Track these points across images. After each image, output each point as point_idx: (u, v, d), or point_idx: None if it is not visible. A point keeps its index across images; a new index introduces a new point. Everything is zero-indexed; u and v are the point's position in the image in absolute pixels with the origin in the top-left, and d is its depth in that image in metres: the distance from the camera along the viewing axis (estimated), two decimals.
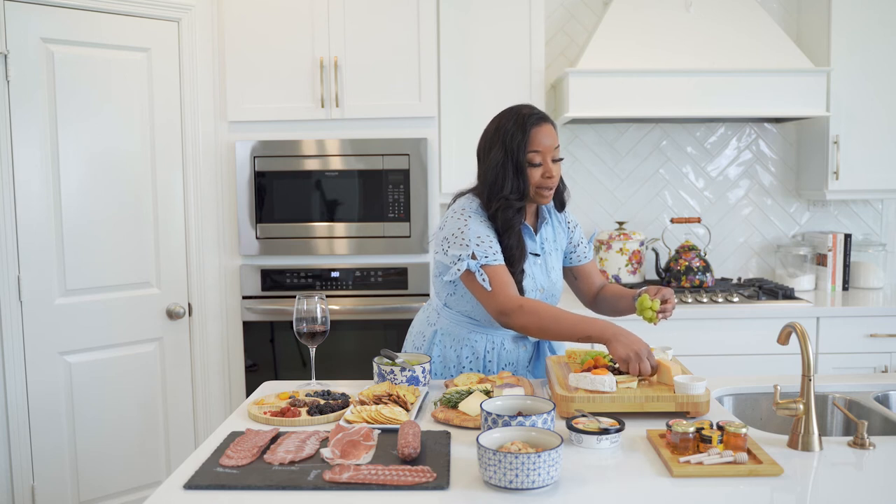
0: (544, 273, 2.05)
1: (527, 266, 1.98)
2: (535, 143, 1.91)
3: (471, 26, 3.27)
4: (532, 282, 2.00)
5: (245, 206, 3.12)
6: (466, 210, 1.97)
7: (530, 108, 1.97)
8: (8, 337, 2.65)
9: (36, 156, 2.68)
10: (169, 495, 1.34)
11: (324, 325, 1.96)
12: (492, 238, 1.92)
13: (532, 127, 1.92)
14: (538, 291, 2.02)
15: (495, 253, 1.90)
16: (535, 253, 2.02)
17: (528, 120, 1.92)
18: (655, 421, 1.65)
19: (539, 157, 1.92)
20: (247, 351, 3.17)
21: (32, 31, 2.65)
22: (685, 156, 3.73)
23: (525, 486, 1.30)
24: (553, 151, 1.94)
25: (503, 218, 1.93)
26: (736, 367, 3.06)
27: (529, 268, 1.99)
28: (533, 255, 2.01)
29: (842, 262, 3.55)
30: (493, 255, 1.90)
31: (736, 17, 3.31)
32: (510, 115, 1.95)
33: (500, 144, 1.92)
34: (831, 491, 1.39)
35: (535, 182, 1.93)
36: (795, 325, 1.59)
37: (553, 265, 2.07)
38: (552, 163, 1.94)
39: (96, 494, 2.89)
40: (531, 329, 1.84)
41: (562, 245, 2.12)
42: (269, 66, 3.09)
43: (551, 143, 1.93)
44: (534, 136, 1.91)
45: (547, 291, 2.05)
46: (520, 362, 2.09)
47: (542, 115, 1.96)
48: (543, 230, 2.07)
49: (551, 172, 1.93)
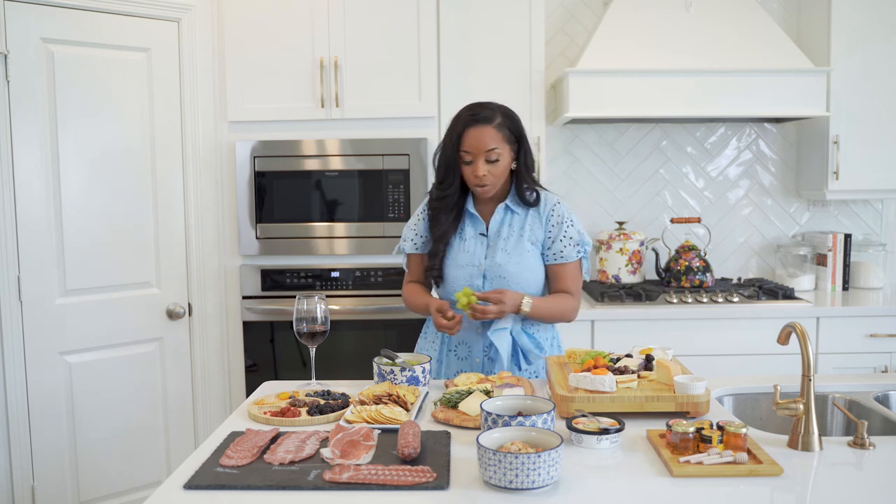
0: (489, 252, 2.13)
1: (469, 245, 2.15)
2: (465, 144, 2.06)
3: (471, 26, 3.27)
4: (470, 257, 2.14)
5: (245, 206, 3.12)
6: (425, 199, 2.25)
7: (475, 109, 2.09)
8: (8, 337, 2.65)
9: (36, 156, 2.68)
10: (169, 495, 1.35)
11: (324, 325, 1.96)
12: (415, 229, 2.23)
13: (466, 127, 2.06)
14: (476, 267, 2.13)
15: (409, 241, 2.23)
16: (482, 233, 2.16)
17: (465, 121, 2.07)
18: (655, 421, 1.65)
19: (469, 157, 2.06)
20: (247, 351, 3.17)
21: (32, 31, 2.65)
22: (685, 156, 3.73)
23: (525, 486, 1.30)
24: (486, 153, 2.05)
25: (434, 202, 2.17)
26: (736, 367, 3.06)
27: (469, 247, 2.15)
28: (480, 235, 2.16)
29: (842, 262, 3.55)
30: (411, 245, 2.23)
31: (736, 17, 3.31)
32: (461, 111, 2.11)
33: (444, 138, 2.12)
34: (831, 491, 1.39)
35: (468, 179, 2.10)
36: (795, 325, 1.59)
37: (508, 249, 2.12)
38: (486, 163, 2.05)
39: (96, 494, 2.89)
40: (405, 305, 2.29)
41: (538, 237, 2.15)
42: (269, 66, 3.09)
43: (482, 146, 2.04)
44: (465, 137, 2.06)
45: (491, 271, 2.11)
46: (472, 343, 2.17)
47: (484, 117, 2.06)
48: (505, 216, 2.16)
49: (478, 172, 2.05)
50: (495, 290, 2.05)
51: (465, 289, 2.01)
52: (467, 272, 2.13)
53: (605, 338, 3.09)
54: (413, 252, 2.24)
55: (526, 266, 2.12)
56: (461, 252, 2.15)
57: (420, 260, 2.24)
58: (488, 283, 2.12)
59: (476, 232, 2.16)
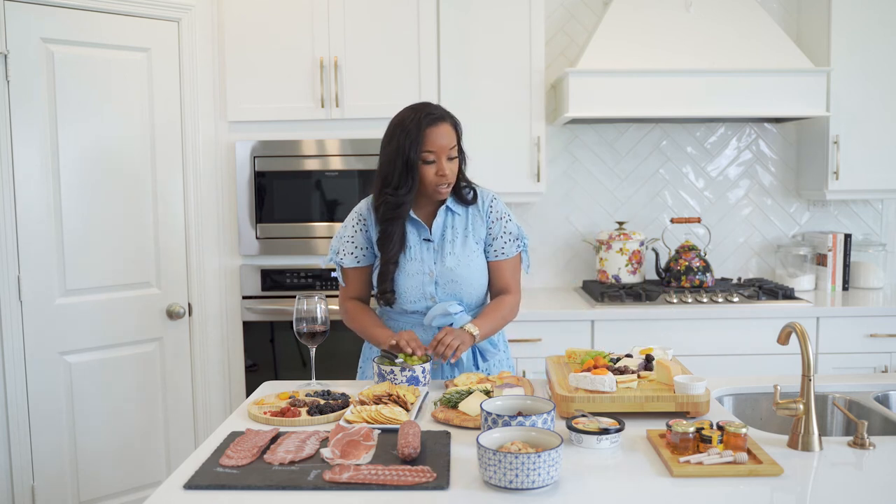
0: (437, 258, 2.08)
1: (415, 252, 2.07)
2: (428, 143, 1.99)
3: (471, 26, 3.27)
4: (420, 265, 2.07)
5: (245, 206, 3.12)
6: (354, 210, 2.16)
7: (430, 108, 2.04)
8: (8, 337, 2.65)
9: (36, 156, 2.68)
10: (169, 495, 1.34)
11: (324, 325, 1.96)
12: (353, 242, 2.11)
13: (427, 126, 1.99)
14: (427, 275, 2.06)
15: (349, 255, 2.11)
16: (426, 238, 2.09)
17: (425, 119, 1.99)
18: (655, 421, 1.65)
19: (433, 156, 2.00)
20: (247, 351, 3.17)
21: (32, 31, 2.65)
22: (685, 156, 3.73)
23: (525, 486, 1.30)
24: (448, 151, 2.01)
25: (385, 210, 2.03)
26: (736, 367, 3.06)
27: (416, 254, 2.07)
28: (425, 241, 2.08)
29: (842, 262, 3.55)
30: (351, 259, 2.11)
31: (736, 17, 3.31)
32: (410, 113, 2.03)
33: (396, 141, 2.00)
34: (831, 491, 1.39)
35: (430, 180, 2.02)
36: (795, 325, 1.59)
37: (455, 252, 2.07)
38: (447, 161, 2.01)
39: (96, 494, 2.89)
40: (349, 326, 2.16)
41: (480, 235, 2.12)
42: (269, 66, 3.09)
43: (446, 144, 2.00)
44: (428, 136, 1.99)
45: (443, 276, 2.06)
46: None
47: (440, 115, 2.02)
48: (447, 219, 2.10)
49: (444, 171, 2.00)
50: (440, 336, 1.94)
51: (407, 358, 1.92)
52: (418, 280, 2.06)
53: (605, 338, 3.09)
54: (354, 266, 2.13)
55: (475, 268, 2.09)
56: (408, 261, 2.07)
57: (360, 274, 2.14)
58: (440, 289, 2.07)
59: (420, 238, 2.08)
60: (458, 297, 2.08)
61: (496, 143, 3.29)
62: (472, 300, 2.12)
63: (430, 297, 2.07)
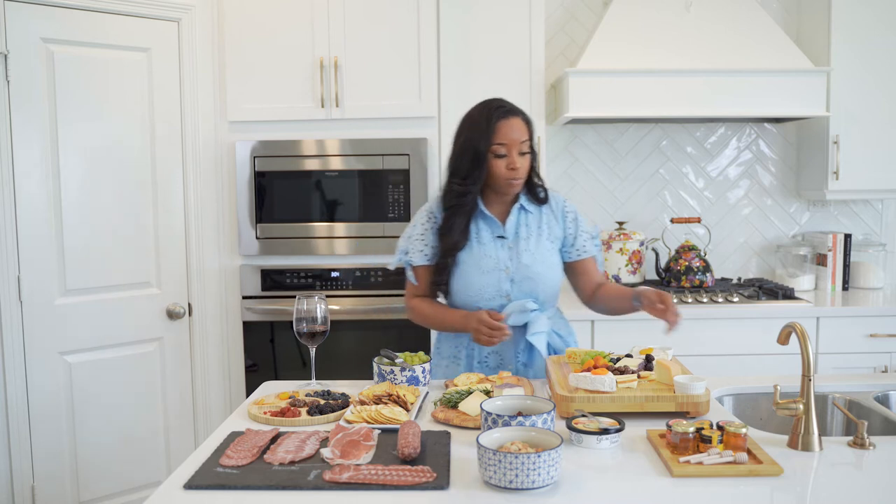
0: (513, 255, 2.07)
1: (489, 249, 2.06)
2: (500, 136, 1.98)
3: (471, 26, 3.27)
4: (495, 262, 2.06)
5: (245, 206, 3.12)
6: (422, 208, 2.16)
7: (501, 102, 2.03)
8: (8, 337, 2.65)
9: (36, 156, 2.68)
10: (169, 495, 1.35)
11: (324, 325, 1.96)
12: (423, 239, 2.10)
13: (498, 119, 1.99)
14: (503, 272, 2.06)
15: (418, 252, 2.10)
16: (500, 236, 2.08)
17: (496, 112, 1.99)
18: (655, 421, 1.65)
19: (504, 149, 1.99)
20: (247, 351, 3.17)
21: (32, 31, 2.65)
22: (685, 156, 3.73)
23: (525, 486, 1.30)
24: (519, 145, 1.99)
25: (449, 197, 2.05)
26: (736, 367, 3.06)
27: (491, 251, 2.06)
28: (499, 238, 2.08)
29: (842, 262, 3.55)
30: (421, 256, 2.10)
31: (736, 18, 3.31)
32: (481, 107, 2.03)
33: (467, 133, 2.02)
34: (831, 491, 1.39)
35: (501, 173, 2.00)
36: (795, 325, 1.59)
37: (531, 249, 2.07)
38: (518, 155, 2.00)
39: (96, 494, 2.89)
40: (420, 323, 2.16)
41: (556, 235, 2.13)
42: (269, 66, 3.09)
43: (517, 137, 1.99)
44: (499, 129, 1.98)
45: (518, 273, 2.06)
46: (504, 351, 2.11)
47: (511, 109, 2.02)
48: (520, 216, 2.10)
49: (515, 164, 1.99)
50: (650, 292, 1.90)
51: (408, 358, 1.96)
52: (494, 277, 2.05)
53: (605, 338, 3.08)
54: (423, 264, 2.11)
55: (550, 265, 2.10)
56: (483, 257, 2.06)
57: (429, 272, 2.12)
58: (515, 287, 2.06)
59: (493, 235, 2.08)
60: (532, 295, 2.08)
61: None
62: (546, 298, 2.11)
63: (505, 295, 2.07)
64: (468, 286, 2.07)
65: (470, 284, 2.06)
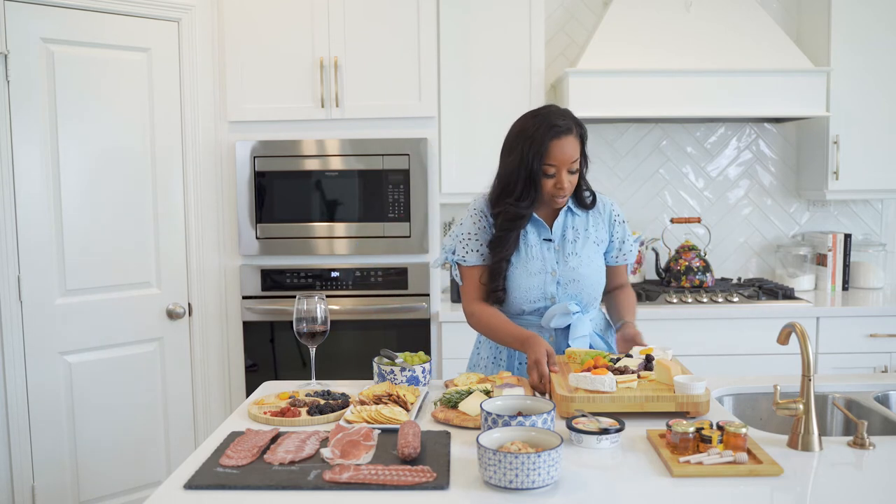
0: (559, 258, 2.06)
1: (536, 251, 2.05)
2: (551, 157, 1.95)
3: (471, 26, 3.27)
4: (541, 264, 2.05)
5: (245, 206, 3.12)
6: (471, 207, 2.11)
7: (554, 117, 1.97)
8: (8, 337, 2.65)
9: (36, 156, 2.68)
10: (169, 495, 1.35)
11: (324, 325, 1.96)
12: (477, 239, 2.07)
13: (552, 139, 1.94)
14: (549, 274, 2.05)
15: (473, 252, 2.07)
16: (547, 238, 2.07)
17: (550, 132, 1.94)
18: (655, 421, 1.65)
19: (553, 170, 1.97)
20: (247, 351, 3.17)
21: (32, 31, 2.65)
22: (685, 156, 3.73)
23: (525, 486, 1.30)
24: (570, 164, 1.97)
25: (504, 220, 2.02)
26: (736, 367, 3.06)
27: (537, 254, 2.05)
28: (546, 241, 2.07)
29: (842, 262, 3.55)
30: (476, 256, 2.07)
31: (736, 18, 3.31)
32: (535, 122, 1.97)
33: (519, 150, 1.97)
34: (831, 491, 1.39)
35: (548, 191, 1.99)
36: (795, 325, 1.59)
37: (578, 252, 2.07)
38: (567, 174, 1.97)
39: (96, 494, 2.89)
40: (479, 332, 2.11)
41: (602, 238, 2.13)
42: (269, 66, 3.09)
43: (568, 158, 1.96)
44: (551, 150, 1.94)
45: (565, 276, 2.05)
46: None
47: (566, 127, 1.95)
48: (567, 219, 2.09)
49: (562, 184, 1.97)
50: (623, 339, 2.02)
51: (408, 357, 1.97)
52: (540, 280, 2.04)
53: None
54: (477, 264, 2.07)
55: (596, 268, 2.10)
56: (530, 259, 2.04)
57: (478, 272, 2.07)
58: (561, 289, 2.06)
59: (540, 237, 2.06)
60: (577, 298, 2.07)
61: (496, 144, 3.27)
62: (589, 301, 2.10)
63: (551, 298, 2.06)
64: (515, 288, 2.05)
65: (516, 287, 2.05)
